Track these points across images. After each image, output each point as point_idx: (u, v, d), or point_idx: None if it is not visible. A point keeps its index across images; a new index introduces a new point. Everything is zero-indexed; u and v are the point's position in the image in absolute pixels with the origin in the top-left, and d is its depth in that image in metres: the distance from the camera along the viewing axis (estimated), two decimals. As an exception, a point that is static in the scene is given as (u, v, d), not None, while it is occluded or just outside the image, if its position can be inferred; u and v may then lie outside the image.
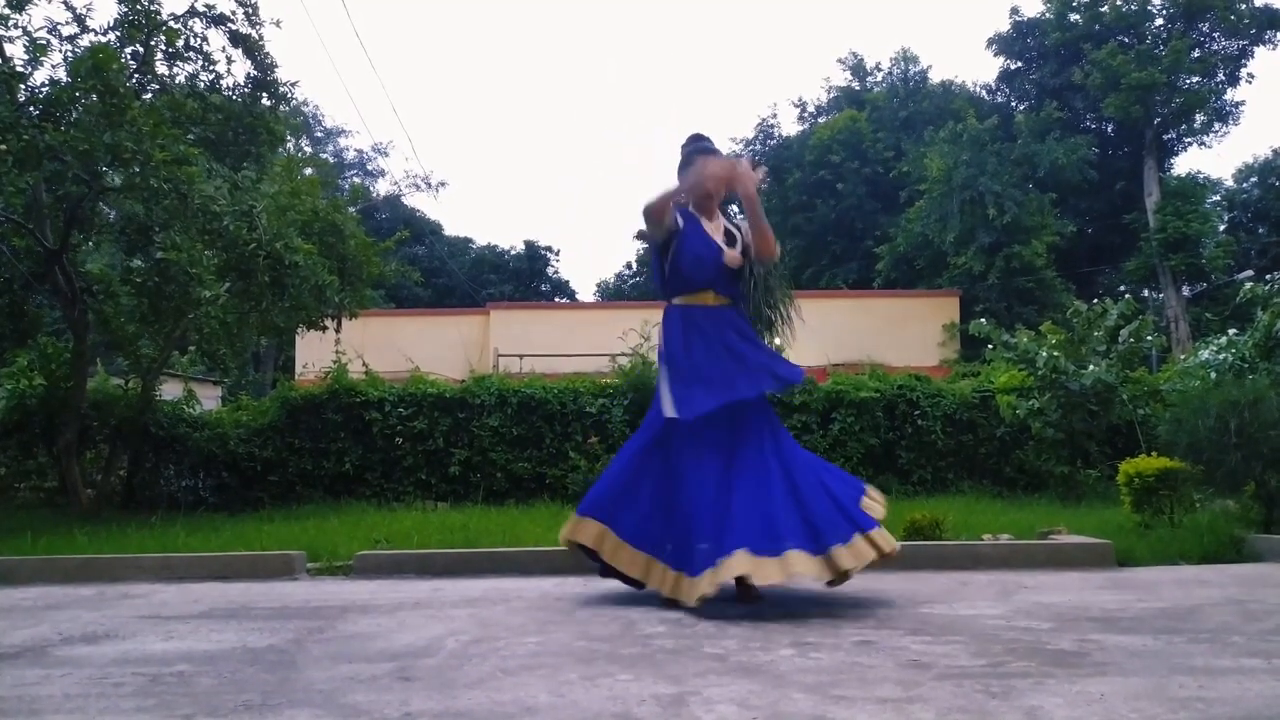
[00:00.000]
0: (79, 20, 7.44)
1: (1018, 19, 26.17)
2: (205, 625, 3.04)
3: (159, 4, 7.86)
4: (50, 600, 3.73)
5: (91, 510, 7.58)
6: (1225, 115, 24.71)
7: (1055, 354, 7.83)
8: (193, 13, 8.18)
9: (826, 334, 17.91)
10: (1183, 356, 9.66)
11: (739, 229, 3.60)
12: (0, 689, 2.20)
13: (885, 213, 27.16)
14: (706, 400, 3.25)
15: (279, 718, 1.90)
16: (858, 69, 33.48)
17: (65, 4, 7.64)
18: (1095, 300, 9.11)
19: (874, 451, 8.77)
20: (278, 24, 8.76)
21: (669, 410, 3.32)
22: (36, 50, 6.77)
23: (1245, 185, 30.20)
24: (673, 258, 3.49)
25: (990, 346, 8.89)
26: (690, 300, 3.48)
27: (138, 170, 6.59)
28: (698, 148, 3.61)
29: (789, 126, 33.23)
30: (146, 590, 3.98)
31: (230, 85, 8.60)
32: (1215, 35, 24.21)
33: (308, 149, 32.83)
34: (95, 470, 8.62)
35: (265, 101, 8.80)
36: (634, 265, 38.78)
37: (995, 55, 27.14)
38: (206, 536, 5.46)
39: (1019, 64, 27.07)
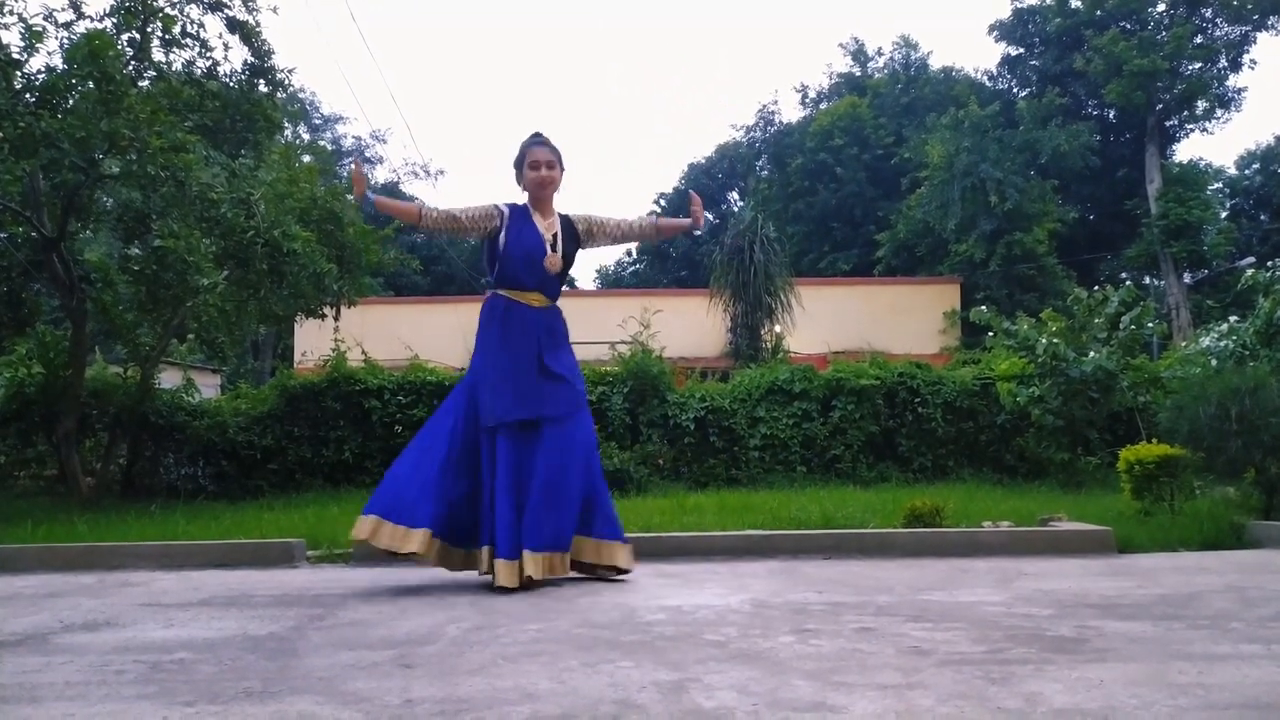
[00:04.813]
0: (75, 7, 7.40)
1: (1019, 5, 26.01)
2: (206, 613, 3.04)
3: (155, -10, 7.82)
4: (51, 588, 3.73)
5: (91, 498, 7.59)
6: (1227, 102, 24.58)
7: (1056, 341, 7.83)
8: (189, -1, 8.13)
9: (827, 321, 17.90)
10: (1184, 344, 9.66)
11: (573, 229, 3.72)
12: (2, 676, 2.20)
13: (886, 199, 27.08)
14: (514, 409, 3.45)
15: (280, 705, 1.90)
16: (859, 55, 33.32)
17: (61, -10, 7.59)
18: (1096, 287, 9.09)
19: (874, 439, 8.77)
20: (274, 10, 8.72)
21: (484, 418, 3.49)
22: (32, 37, 6.73)
23: (1247, 172, 30.12)
24: (503, 249, 3.58)
25: (991, 334, 8.89)
26: (517, 297, 3.59)
27: (135, 158, 6.56)
28: (532, 141, 3.74)
29: (790, 112, 33.26)
30: (147, 578, 3.98)
31: (227, 72, 8.57)
32: (1217, 21, 24.06)
33: (305, 136, 32.74)
34: (95, 459, 8.63)
35: (262, 88, 8.76)
36: (633, 253, 38.74)
37: (997, 41, 26.99)
38: (206, 524, 5.47)
39: (1021, 50, 26.90)
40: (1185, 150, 42.64)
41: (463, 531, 3.45)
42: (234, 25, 8.39)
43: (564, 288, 3.78)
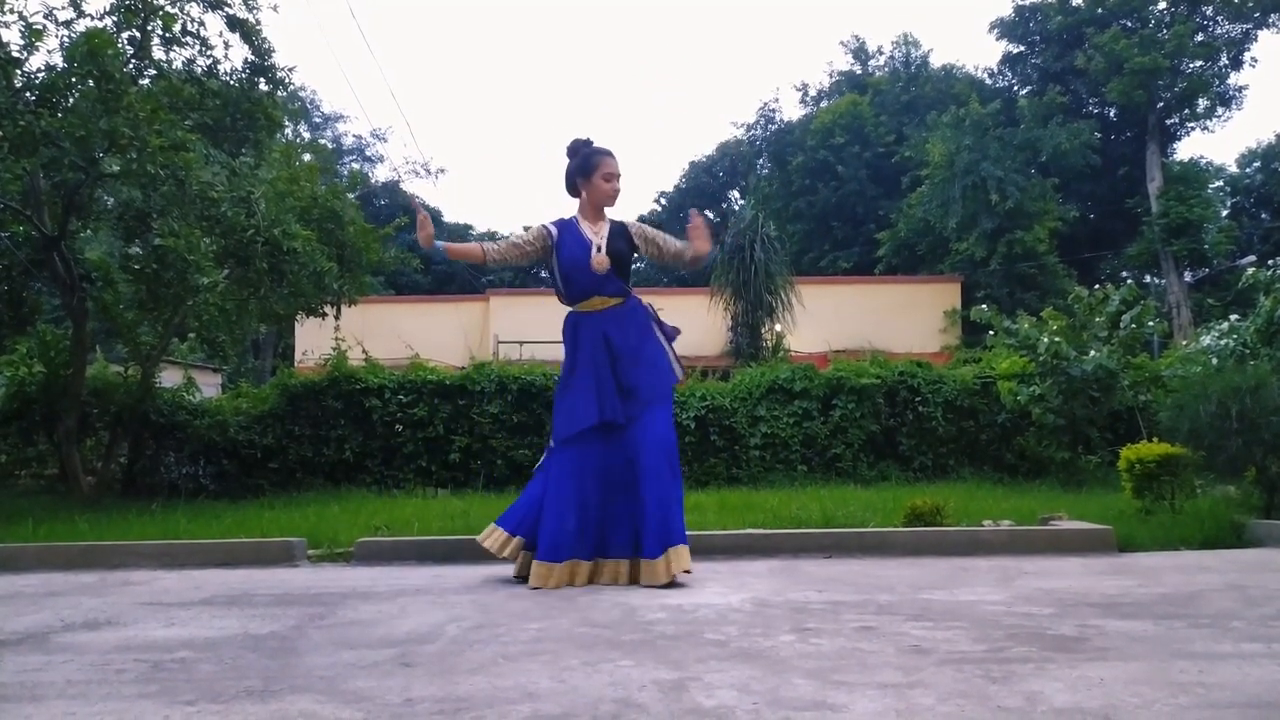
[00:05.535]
0: (75, 5, 7.38)
1: (1020, 3, 26.00)
2: (206, 612, 3.04)
3: (155, -12, 7.80)
4: (52, 587, 3.73)
5: (92, 497, 7.60)
6: (1228, 100, 24.57)
7: (1057, 340, 7.82)
8: (189, -3, 8.12)
9: (827, 320, 17.90)
10: (1184, 342, 9.65)
11: (625, 230, 3.71)
12: (3, 675, 2.20)
13: (887, 198, 27.07)
14: (569, 425, 3.55)
15: (281, 704, 1.90)
16: (859, 53, 33.33)
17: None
18: (1097, 286, 9.09)
19: (875, 438, 8.77)
20: (275, 8, 8.70)
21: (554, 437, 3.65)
22: (32, 35, 6.72)
23: (1248, 170, 30.09)
24: (558, 267, 3.64)
25: (992, 333, 8.88)
26: (582, 309, 3.65)
27: (135, 156, 6.55)
28: (600, 150, 3.74)
29: (791, 110, 33.26)
30: (148, 577, 3.98)
31: (228, 70, 8.56)
32: (1218, 19, 24.05)
33: (306, 135, 32.74)
34: (95, 457, 8.63)
35: (263, 86, 8.75)
36: (634, 251, 38.70)
37: (998, 39, 26.99)
38: (207, 523, 5.47)
39: (1021, 48, 26.89)
40: (1186, 148, 42.63)
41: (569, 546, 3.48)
42: (234, 23, 8.38)
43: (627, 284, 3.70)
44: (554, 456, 3.59)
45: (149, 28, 7.87)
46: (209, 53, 8.36)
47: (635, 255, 3.77)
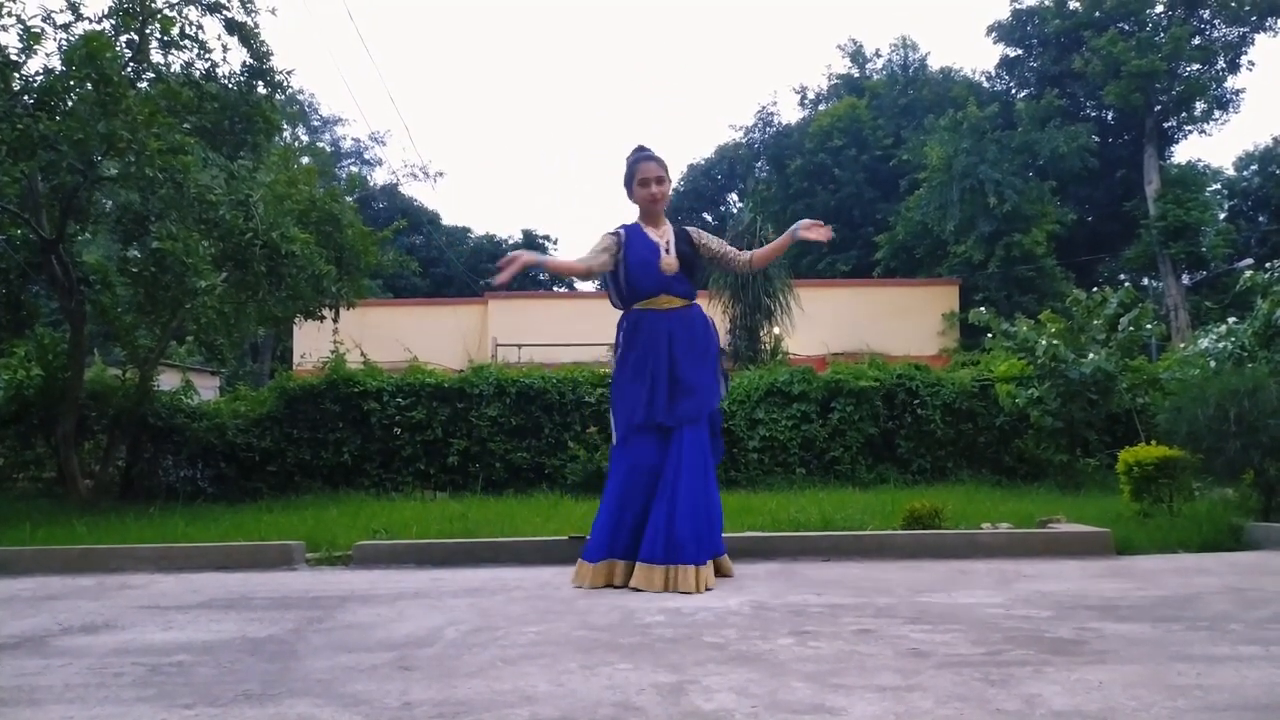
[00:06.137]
0: (73, 8, 7.38)
1: (1017, 6, 26.06)
2: (204, 615, 3.03)
3: (153, -9, 7.80)
4: (49, 590, 3.73)
5: (90, 500, 7.58)
6: (1226, 103, 24.62)
7: (1055, 343, 7.82)
8: (187, 0, 8.12)
9: (826, 323, 17.91)
10: (1182, 345, 9.65)
11: (687, 236, 3.79)
12: (0, 679, 2.20)
13: (885, 201, 27.12)
14: (625, 422, 3.61)
15: (279, 707, 1.89)
16: (857, 56, 33.38)
17: (59, -9, 7.58)
18: (1095, 289, 9.09)
19: (873, 441, 8.77)
20: (273, 11, 8.70)
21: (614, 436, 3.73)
22: (30, 38, 6.72)
23: (1245, 173, 30.15)
24: (624, 266, 3.69)
25: (990, 335, 8.89)
26: (645, 305, 3.68)
27: (133, 160, 6.55)
28: (639, 156, 3.79)
29: (789, 113, 33.31)
30: (145, 580, 3.98)
31: (226, 74, 8.55)
32: (1215, 22, 24.11)
33: (304, 138, 32.74)
34: (93, 460, 8.61)
35: (261, 90, 8.75)
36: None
37: (995, 42, 27.03)
38: (205, 527, 5.46)
39: (1019, 51, 26.94)
40: (1184, 151, 42.66)
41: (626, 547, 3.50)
42: (232, 27, 8.38)
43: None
44: (613, 455, 3.68)
45: (147, 31, 7.86)
46: (207, 56, 8.35)
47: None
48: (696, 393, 3.56)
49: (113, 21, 7.62)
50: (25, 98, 6.59)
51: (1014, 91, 27.57)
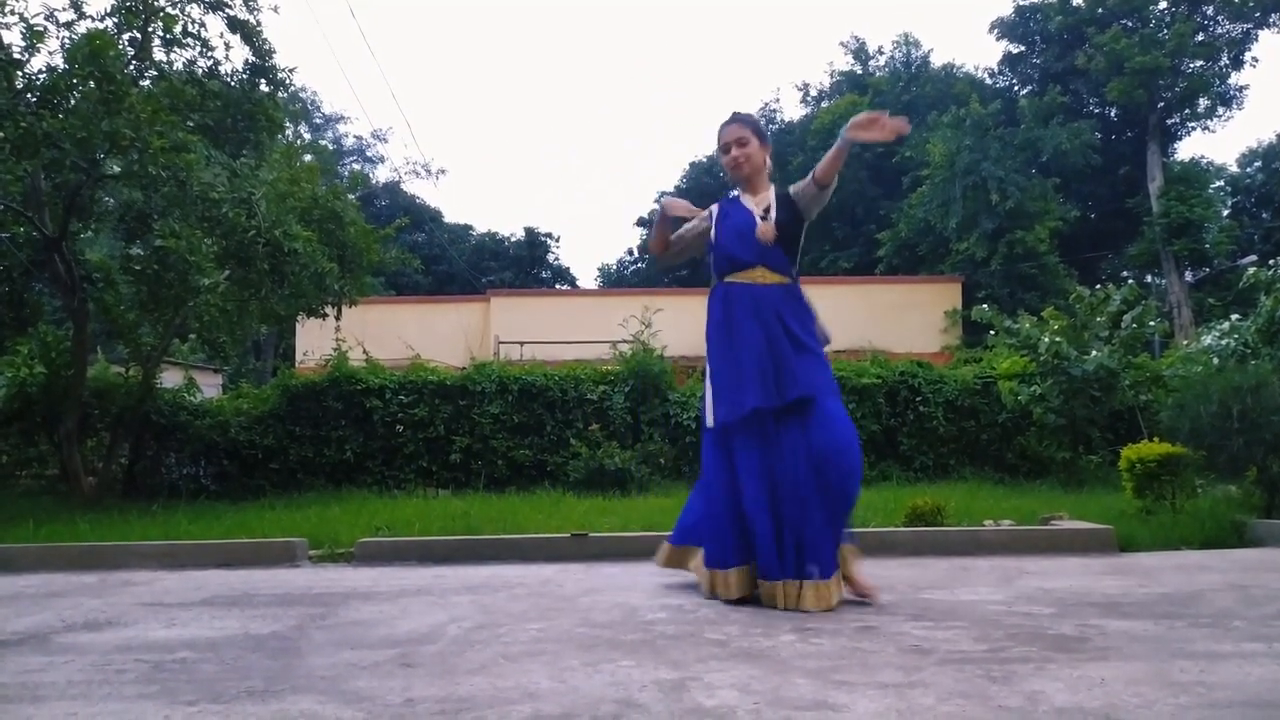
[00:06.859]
0: (76, 6, 7.39)
1: (1020, 3, 26.01)
2: (207, 612, 3.04)
3: (156, -11, 7.81)
4: (52, 588, 3.74)
5: (93, 498, 7.60)
6: (1229, 99, 24.56)
7: (1057, 340, 7.82)
8: (190, -2, 8.12)
9: (828, 320, 17.82)
10: (1185, 342, 9.64)
11: (790, 201, 3.44)
12: (3, 676, 2.20)
13: (887, 198, 27.08)
14: (726, 408, 3.21)
15: (282, 704, 1.90)
16: (860, 53, 33.32)
17: (62, -10, 7.61)
18: (1098, 286, 9.08)
19: (876, 438, 8.77)
20: (275, 9, 8.70)
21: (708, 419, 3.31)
22: (33, 37, 6.73)
23: (1249, 170, 30.09)
24: (714, 239, 3.37)
25: (992, 332, 8.88)
26: (736, 278, 3.28)
27: (136, 158, 6.56)
28: (723, 122, 3.48)
29: (792, 110, 33.27)
30: (148, 577, 3.99)
31: (228, 71, 8.56)
32: (1219, 19, 24.04)
33: (306, 135, 32.76)
34: (96, 458, 8.63)
35: (264, 88, 8.75)
36: (635, 251, 38.73)
37: (998, 39, 27.01)
38: (208, 524, 5.47)
39: (1022, 48, 26.90)
40: (1187, 148, 42.65)
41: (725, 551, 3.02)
42: (235, 24, 8.39)
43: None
44: (707, 443, 3.25)
45: (150, 29, 7.87)
46: (210, 54, 8.36)
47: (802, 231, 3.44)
48: (800, 380, 3.10)
49: (115, 19, 7.63)
50: (29, 96, 6.60)
51: (1017, 88, 27.53)
